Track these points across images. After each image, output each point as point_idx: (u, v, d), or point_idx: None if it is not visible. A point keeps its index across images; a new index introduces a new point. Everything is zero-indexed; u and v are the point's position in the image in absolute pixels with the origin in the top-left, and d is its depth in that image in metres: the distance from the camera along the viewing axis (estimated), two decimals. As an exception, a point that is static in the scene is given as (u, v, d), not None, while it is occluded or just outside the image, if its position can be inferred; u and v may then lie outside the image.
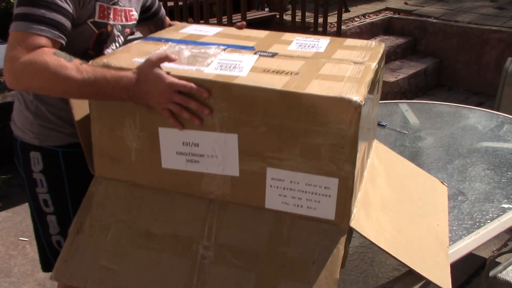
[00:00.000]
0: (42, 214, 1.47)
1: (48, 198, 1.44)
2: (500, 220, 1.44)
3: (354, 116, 0.99)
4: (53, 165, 1.42)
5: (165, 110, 1.11)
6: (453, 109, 2.28)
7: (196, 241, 1.13)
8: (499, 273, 1.84)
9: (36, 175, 1.43)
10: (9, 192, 3.22)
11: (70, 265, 1.16)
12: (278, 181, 1.10)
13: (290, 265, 1.06)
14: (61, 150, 1.41)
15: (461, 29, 4.96)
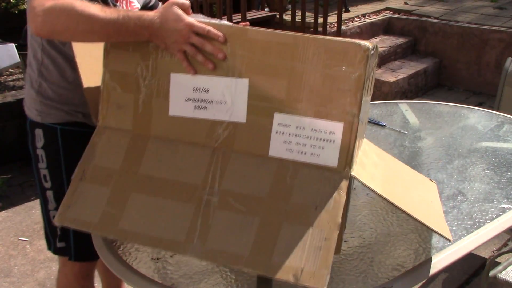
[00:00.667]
0: (42, 189, 1.55)
1: (47, 174, 1.52)
2: (499, 220, 1.44)
3: (362, 59, 1.07)
4: (52, 141, 1.50)
5: (180, 51, 1.15)
6: (453, 109, 2.28)
7: (199, 187, 1.15)
8: (499, 273, 1.84)
9: (39, 151, 1.52)
10: (9, 192, 3.22)
11: (73, 210, 1.17)
12: (284, 127, 1.14)
13: (293, 210, 1.09)
14: (59, 127, 1.49)
15: (461, 29, 4.96)
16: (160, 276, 1.22)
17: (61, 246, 1.59)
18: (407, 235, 1.37)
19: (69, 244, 1.57)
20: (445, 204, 1.52)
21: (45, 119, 1.50)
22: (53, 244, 1.60)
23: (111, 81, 1.23)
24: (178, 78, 1.19)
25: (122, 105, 1.23)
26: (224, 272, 1.24)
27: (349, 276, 1.22)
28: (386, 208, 1.50)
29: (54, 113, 1.49)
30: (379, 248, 1.32)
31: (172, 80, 1.19)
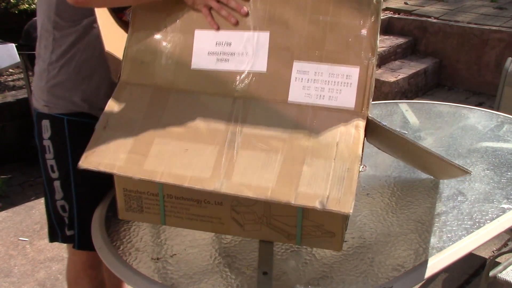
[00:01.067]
0: (49, 180, 1.59)
1: (54, 164, 1.57)
2: (499, 220, 1.44)
3: (376, 7, 1.18)
4: (59, 132, 1.54)
5: (206, 7, 1.25)
6: (453, 109, 2.28)
7: (222, 131, 1.20)
8: (499, 273, 1.84)
9: (46, 142, 1.56)
10: (9, 192, 3.23)
11: (97, 154, 1.20)
12: (303, 73, 1.22)
13: (315, 146, 1.15)
14: (66, 118, 1.54)
15: (461, 29, 4.96)
16: (160, 276, 1.22)
17: (70, 234, 1.62)
18: (407, 235, 1.37)
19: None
20: (445, 204, 1.52)
21: (52, 110, 1.54)
22: (61, 233, 1.62)
23: (136, 39, 1.31)
24: (201, 34, 1.28)
25: (146, 61, 1.30)
26: (224, 272, 1.24)
27: (349, 276, 1.22)
28: (386, 208, 1.50)
29: (61, 103, 1.53)
30: (379, 248, 1.32)
31: (196, 36, 1.28)
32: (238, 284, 1.19)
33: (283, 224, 1.29)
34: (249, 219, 1.31)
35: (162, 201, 1.35)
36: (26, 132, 3.54)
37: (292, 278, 1.21)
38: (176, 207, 1.34)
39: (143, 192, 1.35)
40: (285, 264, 1.26)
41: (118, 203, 1.39)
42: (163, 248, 1.33)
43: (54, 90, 1.53)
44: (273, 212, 1.28)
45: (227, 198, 1.29)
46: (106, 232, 1.40)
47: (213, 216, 1.33)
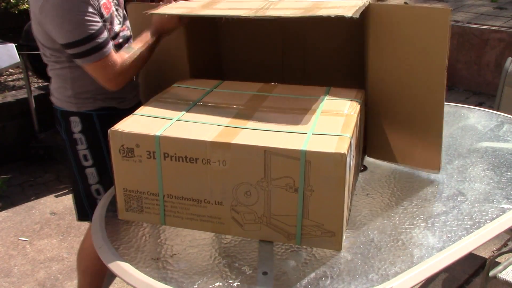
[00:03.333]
0: (81, 168, 1.82)
1: (87, 153, 1.80)
2: (499, 220, 1.44)
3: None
4: (90, 126, 1.78)
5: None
6: (453, 109, 2.28)
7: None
8: (499, 273, 1.84)
9: (76, 135, 1.78)
10: (9, 192, 3.23)
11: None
12: None
13: None
14: (95, 113, 1.77)
15: (461, 29, 4.96)
16: (160, 276, 1.22)
17: None
18: (407, 235, 1.37)
19: None
20: (445, 204, 1.52)
21: (81, 108, 1.76)
22: (91, 213, 1.72)
23: None
24: None
25: None
26: (224, 272, 1.24)
27: (349, 276, 1.22)
28: (386, 208, 1.50)
29: (89, 103, 1.76)
30: (379, 248, 1.32)
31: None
32: (238, 284, 1.19)
33: (283, 224, 1.29)
34: (249, 219, 1.31)
35: (162, 201, 1.35)
36: (26, 132, 3.54)
37: (292, 278, 1.21)
38: (176, 207, 1.35)
39: (143, 192, 1.36)
40: (285, 264, 1.26)
41: (118, 203, 1.40)
42: (163, 248, 1.33)
43: (80, 95, 1.74)
44: (273, 212, 1.28)
45: (227, 198, 1.30)
46: (106, 232, 1.40)
47: (213, 216, 1.33)
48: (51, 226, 2.87)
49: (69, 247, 2.69)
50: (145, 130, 1.31)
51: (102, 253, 1.32)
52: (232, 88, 1.60)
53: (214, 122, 1.35)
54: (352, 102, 1.48)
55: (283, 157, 1.21)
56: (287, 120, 1.35)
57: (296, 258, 1.28)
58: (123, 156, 1.33)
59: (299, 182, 1.22)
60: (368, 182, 1.64)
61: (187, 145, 1.27)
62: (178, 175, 1.31)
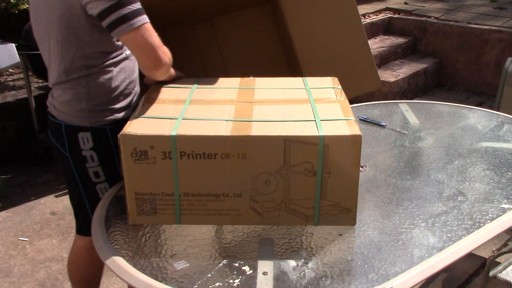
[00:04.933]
0: (90, 184, 1.71)
1: (99, 170, 1.69)
2: (499, 220, 1.44)
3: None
4: (103, 142, 1.66)
5: None
6: (453, 109, 2.28)
7: None
8: (499, 273, 1.84)
9: (86, 152, 1.66)
10: (9, 192, 3.22)
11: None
12: None
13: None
14: (108, 128, 1.65)
15: (461, 29, 4.95)
16: (160, 276, 1.22)
17: None
18: (407, 235, 1.37)
19: None
20: (445, 204, 1.52)
21: (94, 123, 1.63)
22: None
23: None
24: None
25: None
26: (224, 272, 1.24)
27: (350, 276, 1.22)
28: (386, 208, 1.50)
29: (103, 117, 1.63)
30: (379, 248, 1.32)
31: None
32: (238, 284, 1.19)
33: (301, 207, 1.34)
34: (268, 206, 1.34)
35: (178, 200, 1.35)
36: (26, 132, 3.54)
37: (292, 278, 1.21)
38: (193, 205, 1.35)
39: (157, 193, 1.35)
40: (285, 264, 1.26)
41: (128, 208, 1.38)
42: (163, 248, 1.33)
43: (96, 107, 1.62)
44: (291, 197, 1.33)
45: (246, 189, 1.32)
46: (106, 232, 1.40)
47: (231, 208, 1.35)
48: (51, 226, 2.87)
49: (69, 247, 2.69)
50: (158, 131, 1.29)
51: (102, 253, 1.32)
52: (213, 85, 1.62)
53: (219, 117, 1.36)
54: (336, 89, 1.59)
55: (302, 144, 1.27)
56: (289, 110, 1.41)
57: (296, 258, 1.28)
58: (136, 160, 1.30)
59: (318, 166, 1.29)
60: (368, 182, 1.64)
61: (205, 142, 1.28)
62: (195, 173, 1.31)
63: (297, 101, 1.48)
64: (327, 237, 1.36)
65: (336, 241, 1.34)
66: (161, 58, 1.46)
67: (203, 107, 1.44)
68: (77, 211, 1.81)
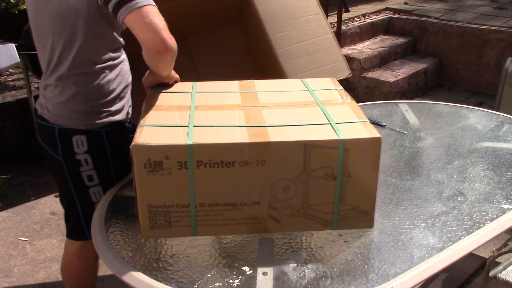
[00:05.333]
0: (84, 188, 1.68)
1: (94, 174, 1.66)
2: (499, 220, 1.44)
3: None
4: (98, 145, 1.64)
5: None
6: (453, 109, 2.28)
7: None
8: (499, 273, 1.84)
9: (80, 156, 1.63)
10: (9, 192, 3.22)
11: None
12: None
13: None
14: (103, 131, 1.63)
15: (461, 29, 4.95)
16: (160, 276, 1.22)
17: None
18: (407, 235, 1.37)
19: None
20: (445, 204, 1.52)
21: (90, 126, 1.61)
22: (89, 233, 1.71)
23: None
24: None
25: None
26: (224, 272, 1.24)
27: (349, 276, 1.22)
28: (386, 208, 1.50)
29: (100, 119, 1.61)
30: (379, 248, 1.32)
31: None
32: (238, 284, 1.19)
33: (320, 212, 1.33)
34: (287, 213, 1.32)
35: (193, 212, 1.30)
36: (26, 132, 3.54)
37: (292, 278, 1.21)
38: (209, 215, 1.31)
39: (171, 205, 1.29)
40: (285, 264, 1.26)
41: (140, 222, 1.31)
42: (163, 248, 1.33)
43: (92, 111, 1.60)
44: (310, 202, 1.31)
45: (264, 196, 1.29)
46: (106, 232, 1.40)
47: (249, 217, 1.32)
48: (51, 226, 2.87)
49: (69, 247, 2.69)
50: (172, 140, 1.23)
51: (102, 254, 1.32)
52: (211, 89, 1.56)
53: (231, 123, 1.32)
54: (339, 91, 1.57)
55: (322, 148, 1.25)
56: (300, 114, 1.39)
57: (296, 258, 1.28)
58: (150, 171, 1.23)
59: (337, 169, 1.28)
60: (368, 182, 1.64)
61: (223, 150, 1.23)
62: (212, 182, 1.26)
63: (305, 104, 1.45)
64: (327, 237, 1.36)
65: (336, 241, 1.34)
66: (166, 40, 1.38)
67: (210, 113, 1.40)
68: (67, 215, 1.79)
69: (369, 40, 5.20)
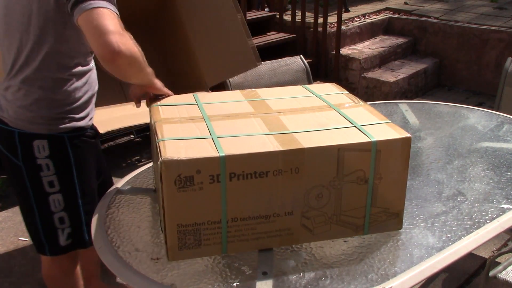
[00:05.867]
0: (43, 195, 1.59)
1: (54, 179, 1.58)
2: (499, 220, 1.44)
3: None
4: (61, 149, 1.57)
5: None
6: (453, 109, 2.28)
7: None
8: (499, 273, 1.84)
9: (42, 161, 1.55)
10: (9, 192, 3.22)
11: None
12: None
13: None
14: (66, 136, 1.56)
15: (461, 29, 4.96)
16: (160, 276, 1.22)
17: (66, 244, 1.68)
18: (407, 235, 1.37)
19: (77, 238, 1.69)
20: (445, 204, 1.52)
21: (53, 130, 1.55)
22: (49, 245, 1.69)
23: None
24: None
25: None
26: (224, 272, 1.24)
27: (349, 276, 1.22)
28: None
29: (63, 124, 1.55)
30: (379, 248, 1.32)
31: None
32: (238, 284, 1.19)
33: (352, 218, 1.31)
34: (320, 221, 1.30)
35: (225, 228, 1.24)
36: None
37: (292, 278, 1.21)
38: (241, 230, 1.25)
39: (201, 223, 1.22)
40: (285, 264, 1.26)
41: (168, 243, 1.23)
42: (163, 248, 1.33)
43: (57, 116, 1.54)
44: (343, 208, 1.30)
45: (297, 206, 1.26)
46: (106, 232, 1.40)
47: (282, 228, 1.28)
48: (51, 226, 2.87)
49: (69, 247, 2.69)
50: (203, 152, 1.16)
51: (102, 253, 1.32)
52: (216, 100, 1.50)
53: (255, 132, 1.27)
54: (347, 94, 1.58)
55: (355, 152, 1.24)
56: (319, 118, 1.36)
57: (296, 258, 1.28)
58: (180, 187, 1.15)
59: (370, 172, 1.27)
60: (368, 182, 1.64)
61: (257, 160, 1.18)
62: (244, 195, 1.21)
63: (319, 109, 1.43)
64: (327, 237, 1.36)
65: (335, 241, 1.34)
66: (111, 44, 1.25)
67: (228, 123, 1.33)
68: (28, 227, 1.70)
69: (369, 40, 5.20)
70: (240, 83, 2.65)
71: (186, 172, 1.15)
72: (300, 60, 2.85)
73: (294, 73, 2.79)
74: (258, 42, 4.74)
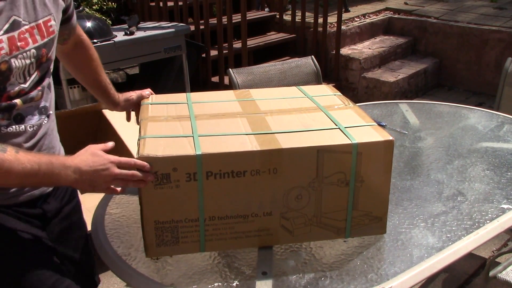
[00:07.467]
0: None
1: None
2: (499, 220, 1.44)
3: None
4: None
5: (109, 188, 1.15)
6: (453, 109, 2.28)
7: None
8: (499, 273, 1.84)
9: None
10: None
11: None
12: None
13: None
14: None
15: (461, 29, 4.95)
16: (160, 276, 1.22)
17: None
18: (406, 235, 1.37)
19: None
20: (445, 204, 1.52)
21: None
22: None
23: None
24: None
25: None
26: (224, 272, 1.24)
27: (349, 276, 1.22)
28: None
29: None
30: (379, 248, 1.32)
31: None
32: (238, 284, 1.19)
33: (333, 220, 1.30)
34: (299, 223, 1.29)
35: (202, 226, 1.24)
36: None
37: (292, 278, 1.21)
38: (219, 229, 1.26)
39: (179, 220, 1.22)
40: (285, 264, 1.26)
41: (146, 240, 1.24)
42: (162, 248, 1.33)
43: None
44: (323, 210, 1.28)
45: (276, 206, 1.26)
46: (106, 232, 1.40)
47: (261, 229, 1.28)
48: (51, 226, 2.86)
49: (69, 247, 2.68)
50: (180, 150, 1.17)
51: (102, 253, 1.32)
52: (207, 99, 1.50)
53: (236, 132, 1.27)
54: (339, 96, 1.54)
55: (335, 153, 1.23)
56: (305, 120, 1.35)
57: (295, 258, 1.28)
58: (156, 185, 1.17)
59: (351, 175, 1.25)
60: (368, 182, 1.64)
61: (234, 159, 1.18)
62: (222, 194, 1.21)
63: (307, 110, 1.42)
64: (327, 237, 1.36)
65: (335, 241, 1.34)
66: None
67: (212, 122, 1.33)
68: None
69: (369, 40, 5.20)
70: (249, 86, 2.52)
71: (162, 169, 1.16)
72: (312, 61, 2.72)
73: (304, 76, 2.68)
74: (258, 42, 4.74)
